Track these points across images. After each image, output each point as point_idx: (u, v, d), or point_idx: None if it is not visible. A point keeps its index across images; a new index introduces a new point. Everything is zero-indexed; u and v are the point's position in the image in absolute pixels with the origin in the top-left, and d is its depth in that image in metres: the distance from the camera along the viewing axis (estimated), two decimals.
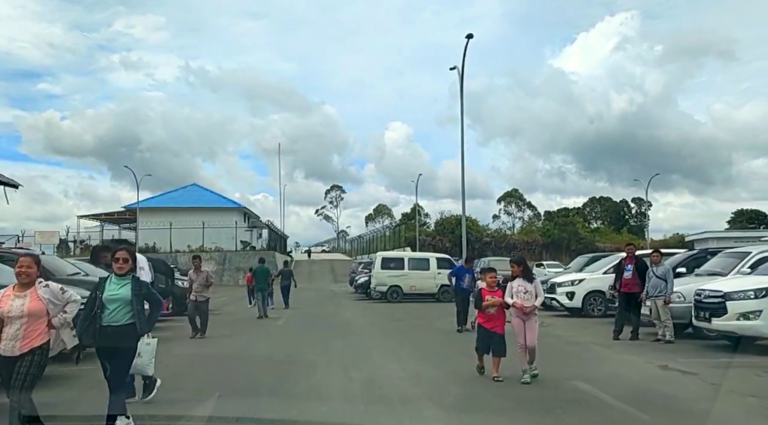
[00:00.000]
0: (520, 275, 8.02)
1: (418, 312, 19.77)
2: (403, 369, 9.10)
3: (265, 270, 20.05)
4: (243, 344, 12.16)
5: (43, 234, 45.03)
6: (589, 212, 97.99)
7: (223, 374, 8.80)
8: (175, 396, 7.06)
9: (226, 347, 11.70)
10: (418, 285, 24.81)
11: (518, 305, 7.86)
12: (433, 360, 9.96)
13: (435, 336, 13.40)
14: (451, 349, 11.22)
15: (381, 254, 26.07)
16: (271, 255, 48.20)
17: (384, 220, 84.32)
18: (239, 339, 12.99)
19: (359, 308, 22.06)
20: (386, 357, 10.26)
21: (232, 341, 12.73)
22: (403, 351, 10.80)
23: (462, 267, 14.45)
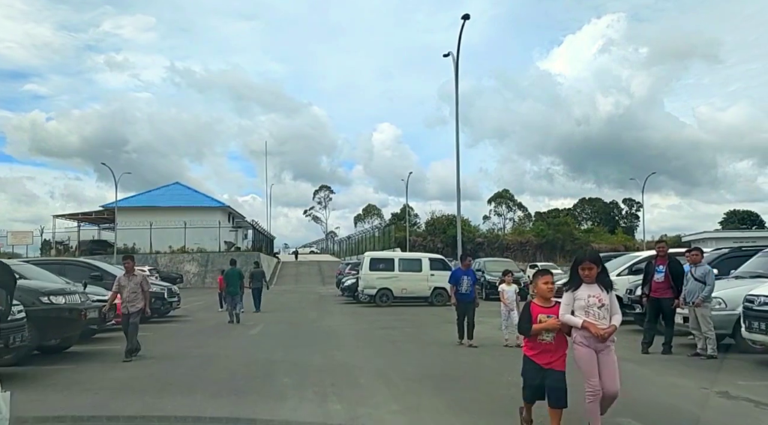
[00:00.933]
0: (592, 281, 5.10)
1: (410, 319, 17.76)
2: (395, 397, 7.08)
3: (237, 273, 18.32)
4: (200, 361, 10.07)
5: (16, 235, 42.63)
6: (579, 213, 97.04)
7: (159, 406, 6.73)
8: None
9: (175, 366, 9.59)
10: (409, 288, 22.81)
11: (592, 328, 4.97)
12: (434, 384, 7.93)
13: (433, 350, 11.37)
14: (454, 369, 9.21)
15: (369, 254, 24.05)
16: (255, 256, 45.95)
17: (373, 220, 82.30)
18: (197, 355, 10.89)
19: (345, 314, 20.03)
20: (375, 379, 8.22)
21: (188, 357, 10.63)
22: (396, 372, 8.77)
23: (459, 269, 12.14)
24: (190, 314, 19.91)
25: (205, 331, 14.79)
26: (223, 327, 15.75)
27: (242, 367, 9.31)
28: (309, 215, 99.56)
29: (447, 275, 23.37)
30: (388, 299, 22.59)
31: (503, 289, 11.76)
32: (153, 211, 46.37)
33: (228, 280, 18.46)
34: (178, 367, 9.39)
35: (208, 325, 16.46)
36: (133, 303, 9.98)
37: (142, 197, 49.31)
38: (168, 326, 15.80)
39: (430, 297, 22.79)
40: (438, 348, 11.51)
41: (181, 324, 16.64)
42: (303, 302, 27.25)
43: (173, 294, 17.34)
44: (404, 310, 21.03)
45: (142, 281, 10.14)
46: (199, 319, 18.33)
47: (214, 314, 20.28)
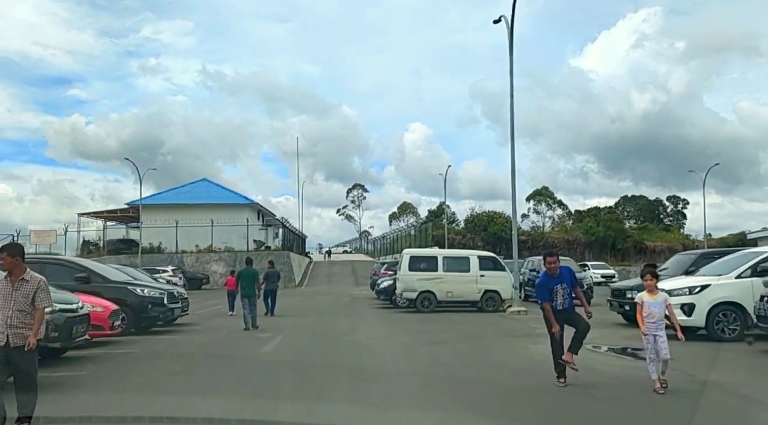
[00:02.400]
0: None
1: (461, 330, 14.41)
2: None
3: (252, 273, 15.78)
4: (177, 402, 6.94)
5: (40, 234, 40.66)
6: (620, 211, 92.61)
7: None
8: None
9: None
10: (455, 291, 19.45)
11: None
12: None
13: (513, 387, 7.97)
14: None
15: (409, 251, 20.75)
16: (285, 256, 43.23)
17: (408, 218, 78.95)
18: (175, 389, 7.76)
19: (381, 322, 16.80)
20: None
21: (163, 392, 7.51)
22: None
23: (546, 276, 7.64)
24: (201, 322, 16.97)
25: (205, 348, 11.71)
26: (232, 341, 12.68)
27: (234, 410, 6.13)
28: (342, 214, 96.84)
29: (499, 277, 20.09)
30: (431, 304, 19.30)
31: (645, 301, 7.20)
32: (179, 208, 43.92)
33: (243, 281, 15.74)
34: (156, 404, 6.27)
35: (214, 337, 13.41)
36: (18, 330, 5.40)
37: (168, 194, 46.96)
38: (164, 339, 12.82)
39: (480, 302, 19.40)
40: (512, 379, 8.17)
41: (183, 335, 13.66)
42: (334, 305, 24.15)
43: (175, 299, 14.38)
44: (450, 317, 17.70)
45: (37, 290, 5.53)
46: (209, 328, 15.32)
47: (227, 320, 17.30)
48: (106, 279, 13.39)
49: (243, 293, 15.40)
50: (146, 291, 13.52)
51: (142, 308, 13.28)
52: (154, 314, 13.51)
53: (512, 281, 19.51)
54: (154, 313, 13.50)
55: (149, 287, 13.86)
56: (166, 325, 15.01)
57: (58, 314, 9.19)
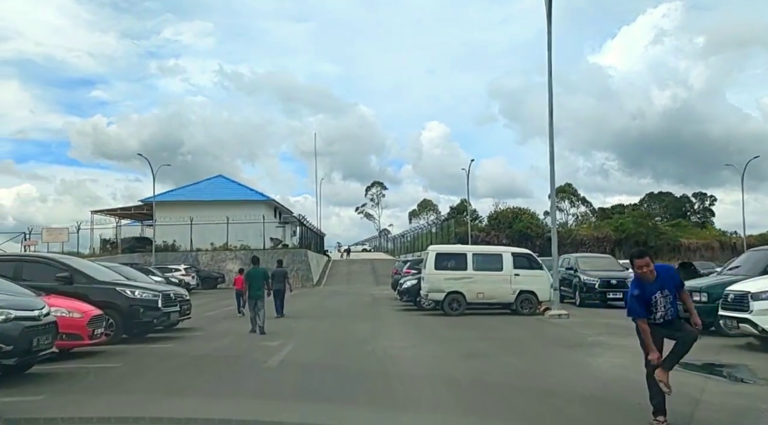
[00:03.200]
0: None
1: (500, 337, 12.41)
2: None
3: (261, 273, 14.58)
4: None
5: (51, 232, 39.35)
6: (646, 208, 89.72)
7: None
8: None
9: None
10: (487, 292, 17.42)
11: None
12: None
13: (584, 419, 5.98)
14: None
15: (435, 248, 18.72)
16: (302, 254, 41.49)
17: (429, 216, 76.79)
18: None
19: (406, 327, 14.86)
20: None
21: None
22: None
23: (639, 282, 5.43)
24: (207, 326, 15.18)
25: (200, 361, 9.83)
26: (234, 351, 10.84)
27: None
28: (361, 212, 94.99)
29: (536, 276, 17.69)
30: (460, 307, 17.28)
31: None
32: (194, 205, 42.35)
33: (251, 281, 14.19)
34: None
35: (215, 346, 11.56)
36: None
37: (183, 190, 45.40)
38: (156, 348, 11.01)
39: (515, 304, 17.35)
40: (587, 412, 6.15)
41: (181, 343, 11.84)
42: (353, 306, 22.26)
43: (173, 301, 12.53)
44: (483, 322, 15.70)
45: None
46: (213, 333, 13.49)
47: (236, 323, 15.50)
48: (91, 279, 11.61)
49: (251, 294, 13.81)
50: (137, 293, 11.71)
51: (133, 313, 11.48)
52: (147, 319, 11.69)
53: (550, 280, 17.44)
54: (147, 318, 11.68)
55: (142, 288, 12.05)
56: (165, 331, 13.24)
57: (12, 324, 7.42)
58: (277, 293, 17.27)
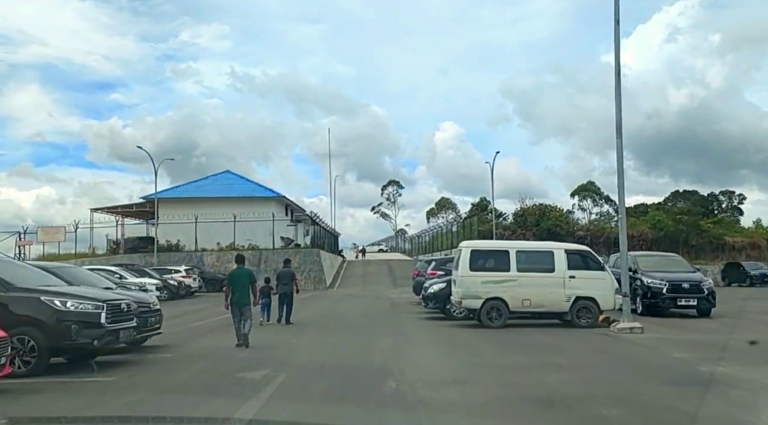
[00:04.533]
0: None
1: (579, 367, 8.79)
2: None
3: (246, 274, 11.68)
4: None
5: (47, 231, 36.36)
6: (671, 206, 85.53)
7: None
8: None
9: None
10: (535, 298, 13.83)
11: None
12: None
13: None
14: None
15: (470, 244, 15.09)
16: (315, 254, 38.07)
17: (447, 215, 73.00)
18: None
19: (439, 346, 11.35)
20: None
21: None
22: None
23: None
24: (184, 342, 11.84)
25: (131, 411, 6.34)
26: (196, 389, 7.41)
27: None
28: (377, 211, 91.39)
29: (596, 279, 13.16)
30: (501, 317, 13.72)
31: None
32: (200, 203, 39.13)
33: (234, 285, 11.43)
34: None
35: (173, 381, 8.11)
36: None
37: (187, 187, 42.14)
38: (84, 385, 7.64)
39: (570, 313, 13.75)
40: None
41: (131, 371, 8.47)
42: (369, 313, 18.81)
43: (125, 315, 9.10)
44: (535, 337, 12.17)
45: None
46: (181, 357, 10.05)
47: (221, 337, 12.09)
48: (8, 286, 8.27)
49: (234, 300, 11.22)
50: (71, 304, 8.29)
51: (62, 331, 8.09)
52: (84, 339, 8.25)
53: (615, 285, 13.85)
54: (83, 338, 8.23)
55: (79, 297, 8.62)
56: (122, 351, 9.91)
57: None
58: (284, 296, 15.30)
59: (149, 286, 26.24)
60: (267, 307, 15.82)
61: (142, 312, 10.65)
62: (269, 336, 13.20)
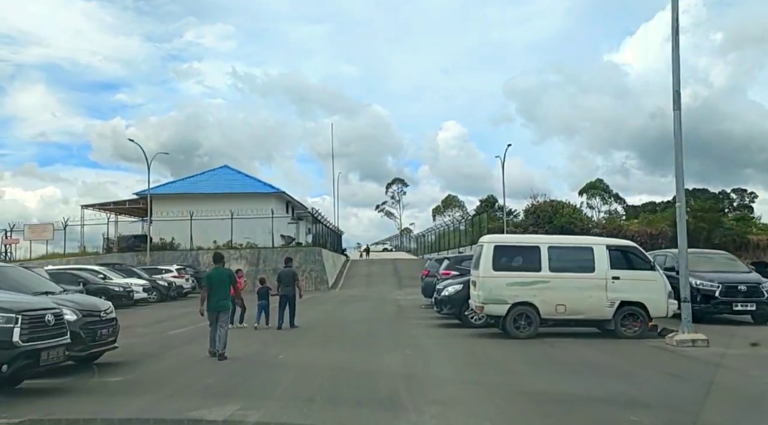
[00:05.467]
0: None
1: (664, 399, 6.41)
2: None
3: (225, 275, 10.06)
4: None
5: (34, 229, 34.18)
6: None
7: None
8: None
9: None
10: (571, 304, 11.47)
11: None
12: None
13: None
14: None
15: (493, 239, 12.63)
16: (316, 253, 35.75)
17: (454, 213, 70.58)
18: None
19: (461, 367, 8.99)
20: None
21: None
22: None
23: None
24: (149, 358, 9.55)
25: None
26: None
27: None
28: (382, 210, 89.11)
29: (645, 280, 10.48)
30: (530, 325, 11.39)
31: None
32: (196, 199, 36.90)
33: (213, 287, 9.78)
34: None
35: (115, 416, 5.78)
36: None
37: (183, 183, 39.84)
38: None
39: (613, 321, 11.40)
40: None
41: (52, 401, 6.12)
42: (374, 318, 16.53)
43: (50, 330, 6.76)
44: (577, 352, 9.85)
45: None
46: (134, 383, 7.70)
47: (196, 350, 9.83)
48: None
49: (210, 305, 9.61)
50: None
51: None
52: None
53: (667, 287, 11.51)
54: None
55: None
56: (65, 371, 7.65)
57: None
58: (285, 298, 13.89)
59: (136, 287, 24.18)
60: (264, 309, 14.19)
61: (89, 323, 8.43)
62: (256, 347, 10.97)
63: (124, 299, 22.25)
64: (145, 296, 24.25)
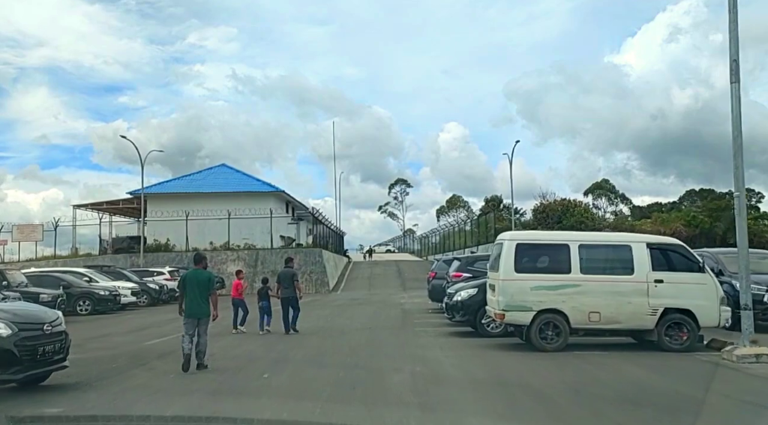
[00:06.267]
0: None
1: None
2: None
3: (204, 278, 8.84)
4: None
5: (23, 229, 32.57)
6: (687, 205, 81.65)
7: None
8: None
9: None
10: (607, 311, 9.77)
11: None
12: None
13: None
14: None
15: (514, 236, 10.84)
16: (316, 254, 34.10)
17: (459, 213, 68.83)
18: None
19: (485, 393, 7.29)
20: None
21: None
22: None
23: None
24: (105, 378, 7.86)
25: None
26: None
27: None
28: (384, 211, 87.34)
29: (693, 283, 7.60)
30: (559, 336, 9.71)
31: None
32: (192, 198, 35.22)
33: (188, 290, 8.68)
34: None
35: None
36: None
37: (179, 182, 38.17)
38: None
39: (656, 332, 9.71)
40: None
41: None
42: (377, 325, 14.86)
43: None
44: (620, 367, 8.18)
45: None
46: (68, 418, 6.07)
47: (167, 365, 8.19)
48: None
49: (187, 312, 8.53)
50: None
51: None
52: None
53: (719, 292, 9.82)
54: None
55: None
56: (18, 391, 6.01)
57: None
58: (286, 301, 13.04)
59: (123, 290, 22.57)
60: (266, 312, 13.23)
61: (27, 339, 6.82)
62: (241, 361, 9.36)
63: (109, 304, 20.68)
64: (134, 300, 22.60)
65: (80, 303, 20.14)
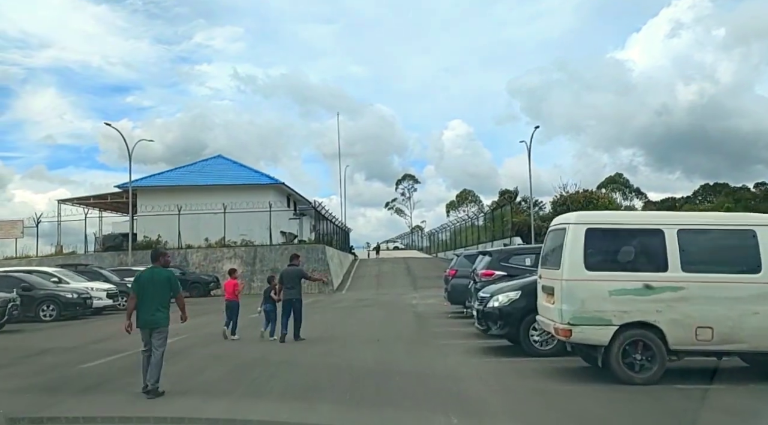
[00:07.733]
0: None
1: None
2: None
3: (162, 278, 6.82)
4: None
5: (2, 225, 29.73)
6: (701, 200, 78.93)
7: None
8: None
9: None
10: (722, 325, 6.66)
11: None
12: None
13: None
14: None
15: (583, 218, 7.66)
16: (320, 251, 31.02)
17: (470, 208, 65.61)
18: None
19: None
20: None
21: None
22: None
23: None
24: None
25: None
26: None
27: None
28: (392, 207, 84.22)
29: None
30: (654, 363, 6.64)
31: None
32: (186, 191, 32.29)
33: (141, 293, 6.77)
34: None
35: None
36: None
37: (171, 174, 35.13)
38: None
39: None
40: None
41: None
42: (388, 335, 11.78)
43: None
44: (751, 405, 5.04)
45: None
46: None
47: (99, 399, 5.09)
48: None
49: (141, 319, 6.70)
50: None
51: None
52: None
53: None
54: None
55: None
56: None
57: None
58: (288, 304, 11.32)
59: (98, 292, 19.59)
60: (271, 315, 11.57)
61: None
62: (208, 388, 6.29)
63: (78, 308, 17.63)
64: (110, 302, 19.59)
65: (43, 308, 17.18)
